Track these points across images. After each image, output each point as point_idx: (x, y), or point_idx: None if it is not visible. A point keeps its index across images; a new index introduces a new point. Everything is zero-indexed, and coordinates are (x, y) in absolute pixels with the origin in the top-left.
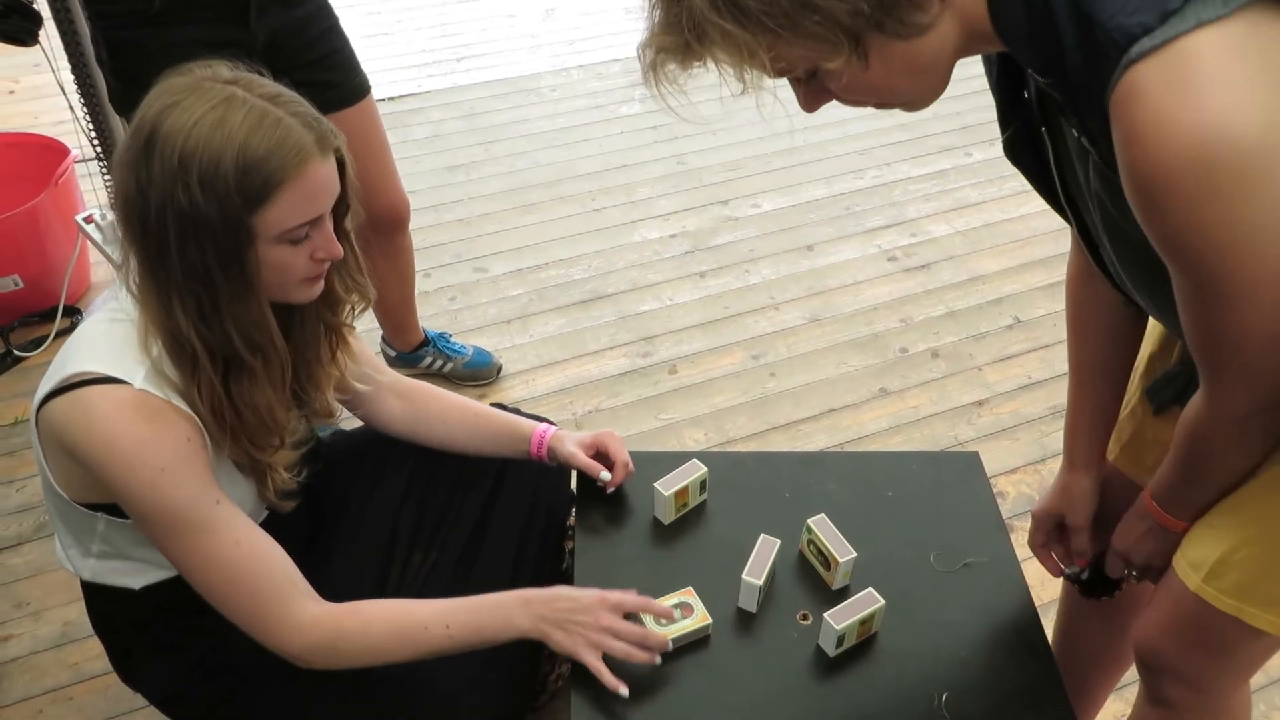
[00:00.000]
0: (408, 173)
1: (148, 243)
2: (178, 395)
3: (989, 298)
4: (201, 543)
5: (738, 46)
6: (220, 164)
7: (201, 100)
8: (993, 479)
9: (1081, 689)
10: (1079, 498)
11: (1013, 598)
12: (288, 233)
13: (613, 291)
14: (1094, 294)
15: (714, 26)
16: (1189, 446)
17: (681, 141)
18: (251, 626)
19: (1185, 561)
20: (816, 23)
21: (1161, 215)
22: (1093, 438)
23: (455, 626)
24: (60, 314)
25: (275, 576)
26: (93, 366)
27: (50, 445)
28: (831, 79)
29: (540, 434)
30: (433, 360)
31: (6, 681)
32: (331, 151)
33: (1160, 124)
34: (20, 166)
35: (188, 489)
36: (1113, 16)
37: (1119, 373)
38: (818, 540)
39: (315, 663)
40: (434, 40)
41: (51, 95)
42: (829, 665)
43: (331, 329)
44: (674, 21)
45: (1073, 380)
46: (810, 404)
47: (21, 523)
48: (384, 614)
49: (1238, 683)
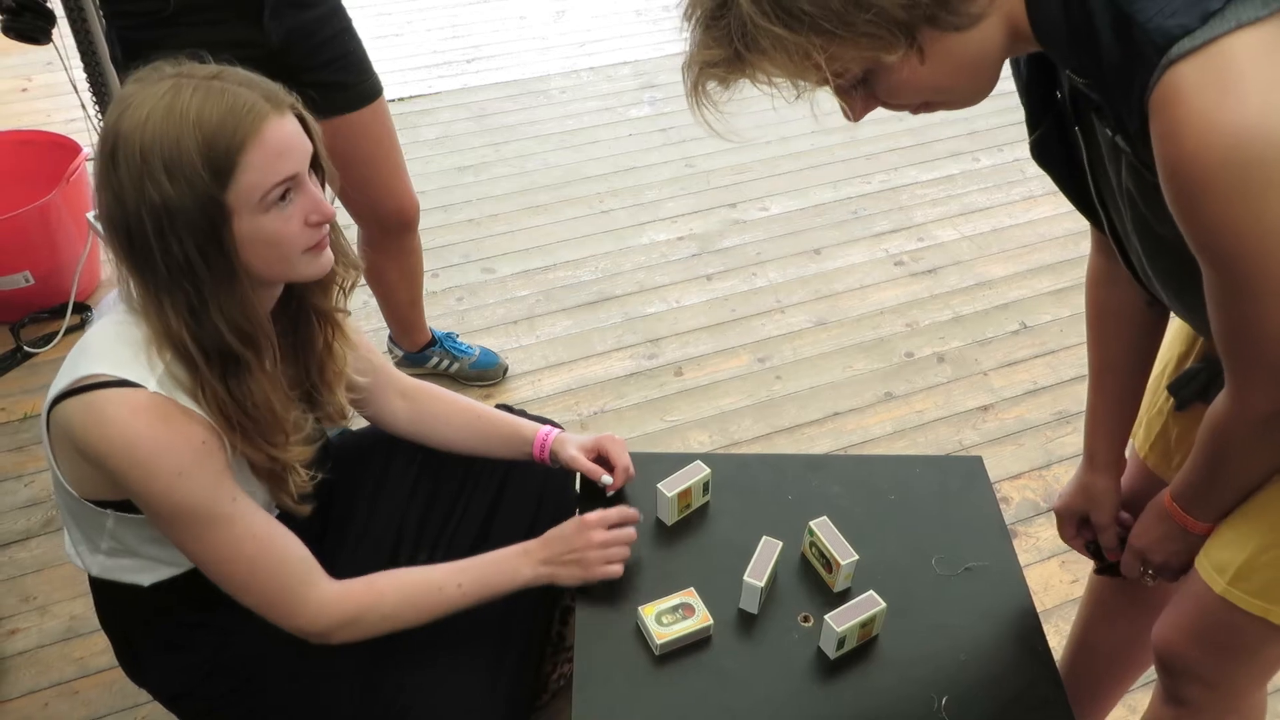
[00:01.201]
0: (417, 173)
1: (134, 252)
2: (189, 398)
3: (995, 303)
4: (220, 538)
5: (790, 52)
6: (180, 145)
7: (149, 94)
8: (996, 484)
9: (1095, 693)
10: (1102, 497)
11: (1014, 603)
12: (266, 196)
13: (620, 293)
14: (1116, 296)
15: (765, 33)
16: (1213, 446)
17: (690, 144)
18: (272, 612)
19: (1209, 564)
20: (869, 20)
21: (1197, 212)
22: (1113, 438)
23: (467, 583)
24: (70, 310)
25: (292, 563)
26: (107, 369)
27: (62, 444)
28: (883, 80)
29: (543, 437)
30: (440, 360)
31: (13, 675)
32: (287, 108)
33: (1199, 123)
34: (32, 164)
35: (205, 490)
36: (1152, 18)
37: (1140, 374)
38: (820, 542)
39: (337, 638)
40: (445, 41)
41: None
42: (830, 667)
43: (324, 316)
44: (721, 34)
45: (1093, 382)
46: (815, 407)
47: (30, 517)
48: (398, 582)
49: (1258, 684)
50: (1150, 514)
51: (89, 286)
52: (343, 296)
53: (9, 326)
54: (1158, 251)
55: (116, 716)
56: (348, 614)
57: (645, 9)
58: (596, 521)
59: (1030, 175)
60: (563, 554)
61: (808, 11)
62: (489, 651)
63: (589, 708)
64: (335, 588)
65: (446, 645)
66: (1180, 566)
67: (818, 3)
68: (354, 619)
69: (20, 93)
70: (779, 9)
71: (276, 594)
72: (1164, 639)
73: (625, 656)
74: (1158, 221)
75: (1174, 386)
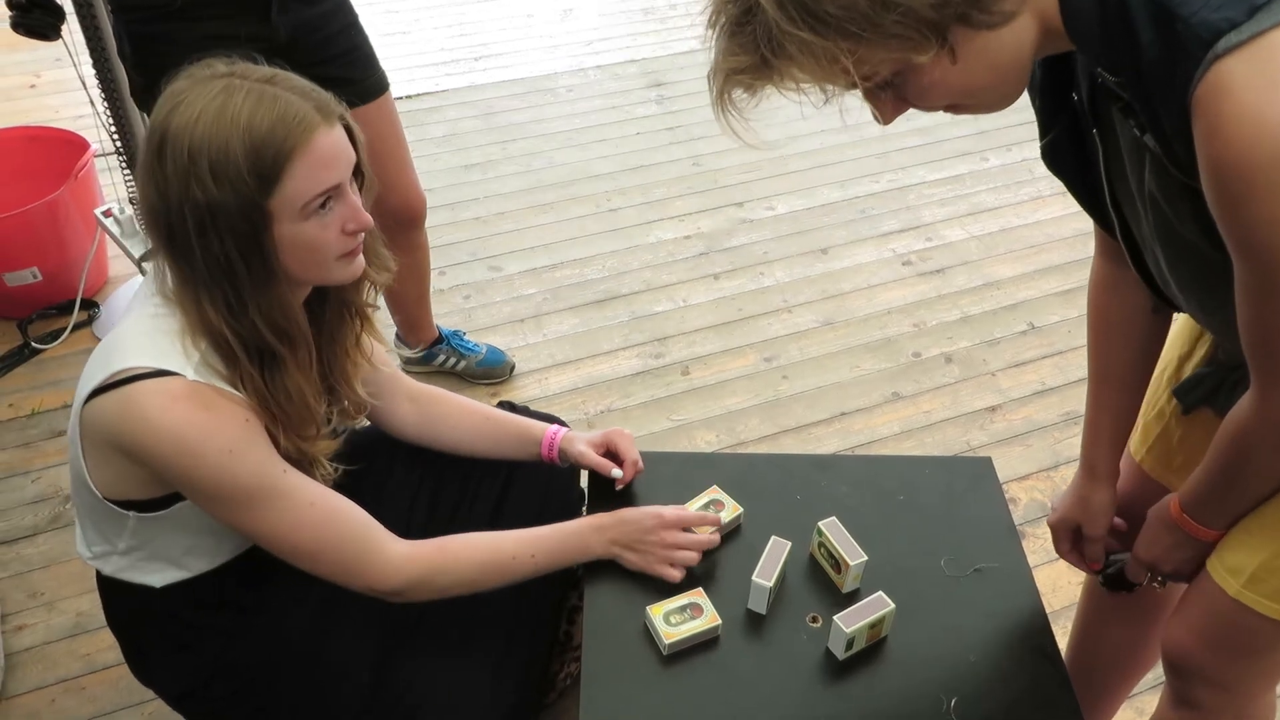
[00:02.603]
0: (424, 171)
1: (174, 246)
2: (227, 385)
3: (1004, 303)
4: (279, 510)
5: (817, 56)
6: (229, 150)
7: (201, 94)
8: (1005, 485)
9: (1099, 695)
10: (1099, 510)
11: (1023, 604)
12: (308, 205)
13: (627, 292)
14: (1120, 302)
15: (791, 39)
16: (1232, 450)
17: (697, 143)
18: (346, 575)
19: (1223, 568)
20: (898, 20)
21: (1240, 208)
22: (1113, 448)
23: (540, 554)
24: (78, 307)
25: (357, 525)
26: (142, 361)
27: (94, 441)
28: (913, 82)
29: (550, 436)
30: (446, 358)
31: (20, 671)
32: (336, 118)
33: (1246, 118)
34: (40, 160)
35: (256, 464)
36: (1196, 12)
37: (1141, 381)
38: (828, 543)
39: (409, 596)
40: (452, 39)
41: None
42: (838, 668)
43: (354, 309)
44: (747, 41)
45: (1094, 388)
46: (822, 407)
47: (37, 513)
48: (472, 546)
49: (1269, 686)
50: (1156, 525)
51: (97, 283)
52: (373, 293)
53: (16, 323)
54: (1179, 255)
55: (123, 713)
56: (419, 573)
57: (653, 7)
58: (674, 520)
59: (1039, 175)
60: (632, 540)
61: (834, 14)
62: (497, 651)
63: (596, 707)
64: (405, 547)
65: (455, 644)
66: (1191, 571)
67: (844, 5)
68: (425, 578)
69: (29, 89)
70: (805, 13)
71: (348, 556)
72: (1175, 642)
73: (633, 656)
74: (1181, 224)
75: (1180, 391)
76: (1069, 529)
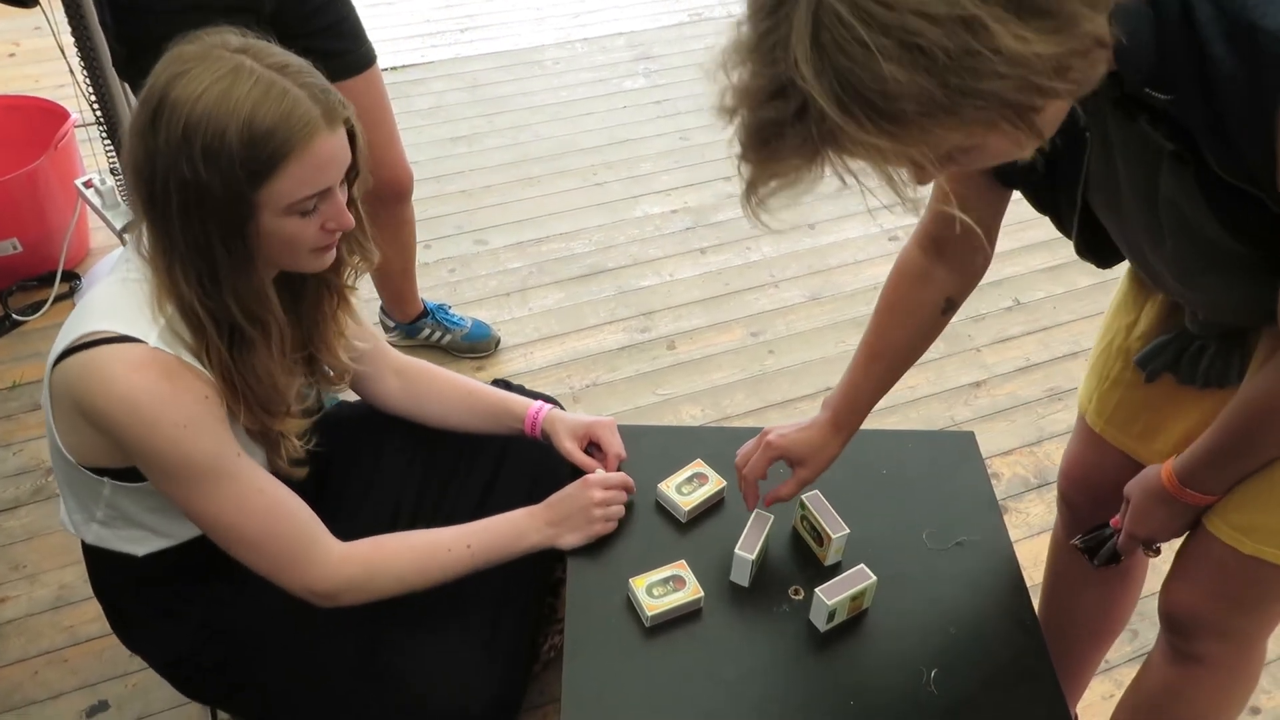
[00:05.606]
0: (410, 143)
1: (154, 210)
2: (191, 355)
3: (989, 279)
4: (226, 493)
5: (886, 155)
6: (225, 136)
7: (209, 69)
8: (988, 460)
9: (1074, 660)
10: (825, 458)
11: (1004, 577)
12: (295, 205)
13: (613, 266)
14: (920, 294)
15: (861, 144)
16: (1250, 420)
17: (684, 117)
18: (281, 572)
19: (1228, 526)
20: (979, 106)
21: None
22: (864, 412)
23: (476, 545)
24: (59, 278)
25: (300, 521)
26: (107, 325)
27: (62, 406)
28: (975, 154)
29: (534, 413)
30: (431, 332)
31: (2, 643)
32: (340, 123)
33: None
34: (20, 130)
35: (210, 443)
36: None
37: (908, 363)
38: (811, 516)
39: (345, 600)
40: (438, 10)
41: (52, 59)
42: (820, 640)
43: (333, 289)
44: (797, 143)
45: (863, 360)
46: (808, 382)
47: (19, 486)
48: (406, 544)
49: (1268, 632)
50: (1146, 501)
51: (78, 254)
52: (353, 275)
53: None
54: (1197, 250)
55: (107, 685)
56: (356, 575)
57: None
58: (597, 481)
59: None
60: (567, 514)
61: (909, 111)
62: (485, 622)
63: (579, 679)
64: (342, 548)
65: (443, 616)
66: (1182, 533)
67: (922, 99)
68: (362, 580)
69: (8, 57)
70: (879, 116)
71: (285, 553)
72: (1179, 601)
73: (616, 628)
74: (1202, 224)
75: (1142, 360)
76: (779, 454)
